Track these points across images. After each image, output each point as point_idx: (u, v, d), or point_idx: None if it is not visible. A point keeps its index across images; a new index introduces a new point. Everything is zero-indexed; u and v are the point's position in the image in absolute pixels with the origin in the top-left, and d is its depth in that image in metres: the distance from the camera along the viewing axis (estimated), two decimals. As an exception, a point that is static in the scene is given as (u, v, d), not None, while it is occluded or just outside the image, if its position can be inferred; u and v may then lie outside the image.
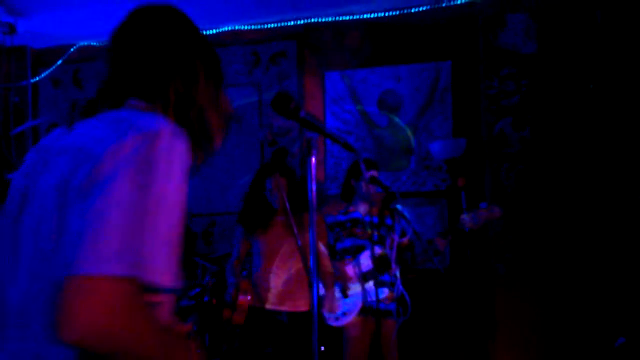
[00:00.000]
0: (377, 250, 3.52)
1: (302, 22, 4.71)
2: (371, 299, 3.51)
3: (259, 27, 4.80)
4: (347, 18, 4.64)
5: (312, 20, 4.70)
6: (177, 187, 0.92)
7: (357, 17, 4.61)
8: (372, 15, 4.59)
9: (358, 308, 3.54)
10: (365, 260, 3.58)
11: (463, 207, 3.51)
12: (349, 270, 3.58)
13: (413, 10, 4.52)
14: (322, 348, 3.26)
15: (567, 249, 3.91)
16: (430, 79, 4.47)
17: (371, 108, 4.58)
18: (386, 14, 4.57)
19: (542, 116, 4.04)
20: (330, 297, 3.47)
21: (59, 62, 5.08)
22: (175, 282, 0.92)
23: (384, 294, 3.52)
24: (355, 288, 3.57)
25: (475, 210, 3.35)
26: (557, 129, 4.00)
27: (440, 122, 4.44)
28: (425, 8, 4.47)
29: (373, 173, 3.62)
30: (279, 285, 3.38)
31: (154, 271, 0.88)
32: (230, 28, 4.85)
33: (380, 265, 3.50)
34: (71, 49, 5.06)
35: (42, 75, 5.13)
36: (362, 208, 3.69)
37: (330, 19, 4.67)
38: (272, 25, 4.74)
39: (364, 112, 4.58)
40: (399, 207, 3.52)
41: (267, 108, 4.63)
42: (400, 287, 3.48)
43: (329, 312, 3.51)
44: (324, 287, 3.49)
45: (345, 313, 3.54)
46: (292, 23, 4.72)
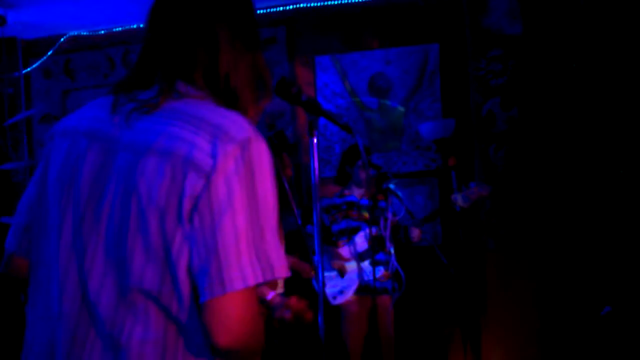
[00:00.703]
0: (372, 231, 3.63)
1: (291, 7, 4.75)
2: (367, 277, 3.62)
3: (248, 13, 4.83)
4: (335, 2, 4.69)
5: (301, 5, 4.74)
6: (272, 184, 0.98)
7: (346, 1, 4.67)
8: (360, 0, 4.65)
9: (355, 287, 3.64)
10: (360, 240, 3.69)
11: (454, 186, 3.61)
12: (344, 251, 3.68)
13: (401, -6, 4.58)
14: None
15: (555, 224, 4.03)
16: (419, 62, 4.55)
17: (362, 91, 4.65)
18: (374, -3, 4.62)
19: (529, 96, 4.14)
20: (336, 260, 3.60)
21: (50, 52, 5.09)
22: (288, 271, 0.99)
23: (380, 272, 3.63)
24: (352, 267, 3.68)
25: (466, 189, 3.47)
26: (544, 108, 4.10)
27: (430, 104, 4.53)
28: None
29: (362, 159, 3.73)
30: None
31: (278, 268, 0.96)
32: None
33: (375, 245, 3.61)
34: (61, 39, 5.07)
35: (33, 66, 5.14)
36: (357, 192, 3.79)
37: (319, 4, 4.72)
38: (262, 12, 4.78)
39: (355, 95, 4.66)
40: (392, 186, 3.62)
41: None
42: (395, 264, 3.60)
43: (340, 269, 3.63)
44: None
45: (342, 291, 3.65)
46: (281, 9, 4.76)
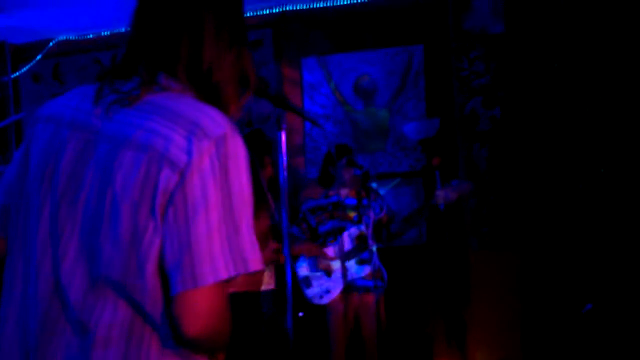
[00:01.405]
0: (356, 230, 3.67)
1: (277, 10, 4.80)
2: (352, 277, 3.67)
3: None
4: (321, 5, 4.74)
5: (288, 7, 4.79)
6: (248, 179, 1.01)
7: (331, 4, 4.72)
8: (346, 2, 4.69)
9: (341, 286, 3.68)
10: (346, 240, 3.73)
11: (438, 186, 3.65)
12: (330, 251, 3.73)
13: (385, -4, 4.63)
14: (301, 314, 3.38)
15: (538, 222, 4.07)
16: (404, 63, 4.60)
17: (347, 92, 4.70)
18: (359, 0, 4.67)
19: (510, 95, 4.18)
20: (322, 260, 3.64)
21: (38, 57, 5.12)
22: (262, 265, 1.01)
23: (365, 271, 3.67)
24: (336, 266, 3.72)
25: (448, 186, 3.52)
26: (525, 107, 4.14)
27: (415, 105, 4.58)
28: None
29: (346, 158, 3.77)
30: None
31: (252, 262, 0.99)
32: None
33: (360, 244, 3.65)
34: (50, 44, 5.11)
35: (22, 70, 5.18)
36: (342, 191, 3.83)
37: (305, 7, 4.77)
38: (249, 14, 4.83)
39: (341, 96, 4.70)
40: (374, 185, 3.67)
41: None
42: (377, 262, 3.64)
43: (326, 269, 3.66)
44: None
45: (329, 291, 3.69)
46: (268, 12, 4.81)
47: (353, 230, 3.68)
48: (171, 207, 0.95)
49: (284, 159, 1.63)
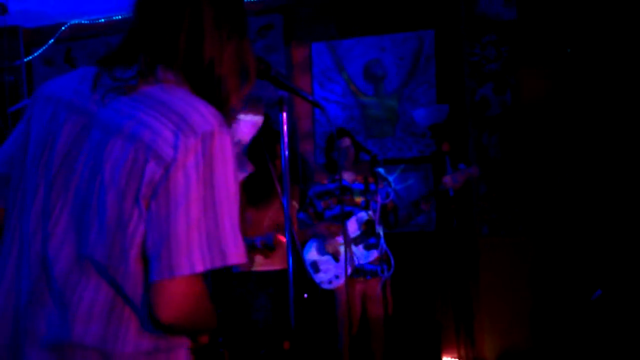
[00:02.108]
0: (364, 215, 3.66)
1: (288, -5, 4.78)
2: (359, 262, 3.66)
3: (246, 0, 4.86)
4: (332, -10, 4.71)
5: (298, -8, 4.77)
6: (234, 175, 1.03)
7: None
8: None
9: (349, 271, 3.68)
10: (353, 226, 3.72)
11: (448, 172, 3.63)
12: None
13: (396, -20, 4.58)
14: (306, 295, 3.38)
15: (548, 208, 4.04)
16: (414, 48, 4.56)
17: (357, 77, 4.67)
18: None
19: (522, 81, 4.14)
20: (331, 242, 3.64)
21: (51, 41, 5.15)
22: (244, 258, 1.04)
23: (372, 256, 3.66)
24: (343, 251, 3.71)
25: (455, 170, 3.51)
26: (537, 93, 4.10)
27: (425, 90, 4.54)
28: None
29: (346, 141, 3.76)
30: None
31: (231, 256, 1.01)
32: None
33: (367, 229, 3.65)
34: (62, 28, 5.13)
35: (34, 54, 5.21)
36: (347, 176, 3.82)
37: (315, -9, 4.74)
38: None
39: (351, 82, 4.68)
40: (382, 170, 3.65)
41: (256, 80, 4.70)
42: (384, 246, 3.63)
43: (334, 253, 3.67)
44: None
45: (337, 276, 3.69)
46: (278, -4, 4.79)
47: (362, 215, 3.67)
48: (154, 200, 0.98)
49: (285, 139, 1.63)
